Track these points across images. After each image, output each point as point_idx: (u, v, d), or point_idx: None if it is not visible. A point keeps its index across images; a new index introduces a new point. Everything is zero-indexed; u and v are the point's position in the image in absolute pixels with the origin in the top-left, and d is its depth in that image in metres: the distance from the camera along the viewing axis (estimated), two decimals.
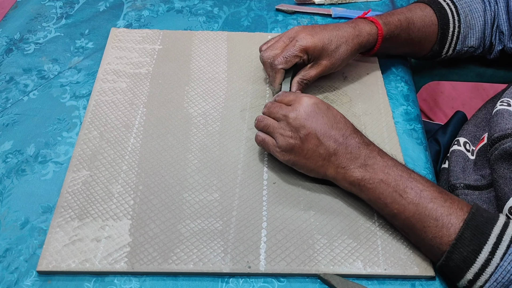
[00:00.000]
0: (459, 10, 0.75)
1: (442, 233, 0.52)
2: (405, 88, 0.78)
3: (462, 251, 0.51)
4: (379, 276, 0.56)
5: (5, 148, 0.66)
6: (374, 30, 0.72)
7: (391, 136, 0.70)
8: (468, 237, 0.50)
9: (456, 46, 0.77)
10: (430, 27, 0.75)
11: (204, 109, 0.72)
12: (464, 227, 0.51)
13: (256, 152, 0.67)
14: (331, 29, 0.70)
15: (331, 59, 0.69)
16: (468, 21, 0.75)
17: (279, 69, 0.68)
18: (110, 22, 0.87)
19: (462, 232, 0.51)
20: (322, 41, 0.68)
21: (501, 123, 0.65)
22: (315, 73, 0.70)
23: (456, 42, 0.76)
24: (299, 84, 0.70)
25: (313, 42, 0.67)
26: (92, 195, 0.61)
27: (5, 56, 0.79)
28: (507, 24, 0.75)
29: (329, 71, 0.71)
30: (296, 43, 0.67)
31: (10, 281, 0.54)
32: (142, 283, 0.54)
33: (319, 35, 0.68)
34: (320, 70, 0.70)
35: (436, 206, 0.53)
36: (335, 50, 0.69)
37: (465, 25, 0.75)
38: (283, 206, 0.61)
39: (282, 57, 0.67)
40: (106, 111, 0.70)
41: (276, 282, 0.55)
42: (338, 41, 0.69)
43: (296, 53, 0.67)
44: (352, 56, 0.72)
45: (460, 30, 0.75)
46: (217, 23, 0.88)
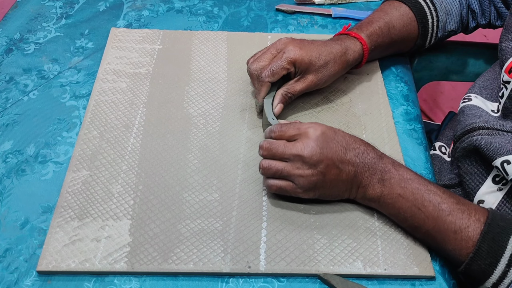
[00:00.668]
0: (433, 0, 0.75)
1: (461, 246, 0.53)
2: (405, 88, 0.78)
3: (480, 263, 0.52)
4: (379, 276, 0.56)
5: (5, 148, 0.66)
6: (358, 47, 0.71)
7: (391, 136, 0.70)
8: (485, 250, 0.51)
9: (437, 34, 0.77)
10: (410, 25, 0.75)
11: (204, 109, 0.72)
12: (481, 240, 0.52)
13: (256, 152, 0.67)
14: (319, 44, 0.68)
15: (317, 75, 0.67)
16: (445, 8, 0.76)
17: (265, 82, 0.66)
18: (110, 22, 0.86)
19: (479, 245, 0.52)
20: (310, 54, 0.66)
21: (462, 120, 0.66)
22: (300, 88, 0.68)
23: (437, 31, 0.77)
24: (282, 97, 0.67)
25: (300, 54, 0.65)
26: (92, 195, 0.61)
27: (5, 56, 0.79)
28: (477, 3, 0.76)
29: (315, 87, 0.69)
30: (284, 55, 0.65)
31: (10, 281, 0.54)
32: (142, 283, 0.54)
33: (307, 48, 0.66)
34: (306, 85, 0.68)
35: (455, 219, 0.53)
36: (323, 66, 0.67)
37: (442, 12, 0.75)
38: (283, 206, 0.61)
39: (269, 70, 0.65)
40: (106, 111, 0.70)
41: (276, 282, 0.55)
42: (326, 57, 0.67)
43: (284, 65, 0.65)
44: (339, 74, 0.70)
45: (439, 18, 0.75)
46: (217, 23, 0.88)
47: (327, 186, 0.57)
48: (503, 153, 0.57)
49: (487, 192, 0.62)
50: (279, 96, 0.68)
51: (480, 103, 0.67)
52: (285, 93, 0.68)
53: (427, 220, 0.54)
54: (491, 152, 0.59)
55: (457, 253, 0.53)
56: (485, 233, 0.52)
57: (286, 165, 0.57)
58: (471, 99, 0.68)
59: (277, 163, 0.57)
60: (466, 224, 0.53)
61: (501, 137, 0.60)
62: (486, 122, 0.63)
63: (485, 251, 0.51)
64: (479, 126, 0.63)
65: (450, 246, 0.54)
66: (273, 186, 0.59)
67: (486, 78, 0.71)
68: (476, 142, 0.61)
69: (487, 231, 0.52)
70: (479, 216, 0.53)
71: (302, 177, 0.56)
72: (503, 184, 0.60)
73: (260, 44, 0.82)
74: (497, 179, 0.61)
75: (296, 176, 0.56)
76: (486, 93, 0.68)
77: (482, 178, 0.63)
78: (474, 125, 0.63)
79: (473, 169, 0.64)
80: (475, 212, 0.54)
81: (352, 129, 0.70)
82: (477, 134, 0.62)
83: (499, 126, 0.62)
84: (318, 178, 0.56)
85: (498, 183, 0.61)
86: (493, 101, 0.66)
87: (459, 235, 0.53)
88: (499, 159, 0.57)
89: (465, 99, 0.69)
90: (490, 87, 0.69)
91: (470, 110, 0.66)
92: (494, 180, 0.61)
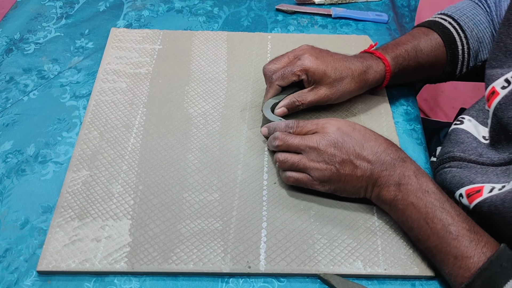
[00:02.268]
0: (463, 27, 0.71)
1: (458, 273, 0.51)
2: (405, 88, 0.78)
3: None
4: (379, 276, 0.56)
5: (5, 148, 0.66)
6: (381, 67, 0.68)
7: (391, 136, 0.69)
8: (478, 286, 0.49)
9: (469, 62, 0.72)
10: (438, 49, 0.71)
11: (204, 109, 0.72)
12: (476, 275, 0.49)
13: (256, 152, 0.67)
14: (339, 58, 0.66)
15: (331, 89, 0.65)
16: (475, 35, 0.71)
17: (274, 84, 0.65)
18: (110, 22, 0.87)
19: (472, 279, 0.49)
20: (326, 66, 0.64)
21: (445, 146, 0.65)
22: (311, 98, 0.66)
23: (468, 60, 0.72)
24: (290, 103, 0.66)
25: (315, 64, 0.64)
26: (92, 195, 0.61)
27: (5, 56, 0.79)
28: None
29: (327, 101, 0.67)
30: (298, 61, 0.64)
31: (10, 281, 0.54)
32: (142, 283, 0.54)
33: (324, 59, 0.65)
34: (318, 97, 0.66)
35: (459, 245, 0.51)
36: (338, 80, 0.65)
37: (473, 40, 0.71)
38: (283, 206, 0.61)
39: (280, 73, 0.65)
40: (106, 111, 0.70)
41: (276, 282, 0.55)
42: (344, 72, 0.65)
43: (295, 71, 0.64)
44: (356, 92, 0.68)
45: (470, 46, 0.71)
46: (217, 23, 0.88)
47: (342, 181, 0.57)
48: (459, 186, 0.57)
49: None
50: (287, 101, 0.66)
51: (472, 128, 0.65)
52: (294, 100, 0.66)
53: (431, 236, 0.53)
54: (451, 185, 0.59)
55: (452, 278, 0.52)
56: (484, 269, 0.49)
57: (302, 158, 0.57)
58: (463, 122, 0.66)
59: (293, 156, 0.58)
60: (470, 253, 0.51)
61: (467, 170, 0.59)
62: (463, 152, 0.62)
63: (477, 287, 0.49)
64: (454, 156, 0.63)
65: (447, 269, 0.52)
66: (290, 178, 0.59)
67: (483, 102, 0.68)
68: (443, 175, 0.61)
69: (486, 268, 0.49)
70: (487, 250, 0.51)
71: (317, 169, 0.57)
72: None
73: (260, 44, 0.82)
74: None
75: (312, 168, 0.57)
76: (482, 117, 0.66)
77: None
78: (450, 154, 0.63)
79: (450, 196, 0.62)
80: (484, 245, 0.51)
81: None
82: (447, 166, 0.62)
83: (474, 157, 0.61)
84: (332, 172, 0.56)
85: None
86: (485, 127, 0.65)
87: (459, 262, 0.51)
88: (457, 193, 0.58)
89: (457, 121, 0.67)
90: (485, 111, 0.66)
91: (456, 135, 0.65)
92: None
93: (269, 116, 0.66)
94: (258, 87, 0.76)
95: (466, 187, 0.59)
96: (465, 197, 0.58)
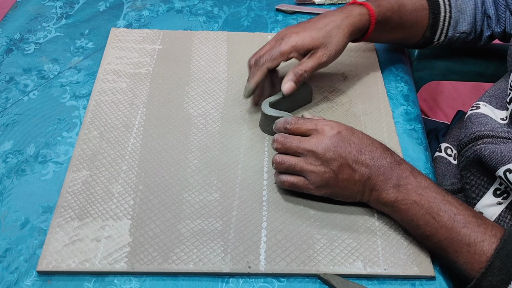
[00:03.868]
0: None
1: (474, 260, 0.51)
2: (405, 88, 0.78)
3: (491, 279, 0.50)
4: (379, 276, 0.56)
5: (5, 148, 0.66)
6: (365, 11, 0.68)
7: (391, 136, 0.70)
8: (498, 266, 0.50)
9: (448, 31, 0.75)
10: (421, 11, 0.73)
11: (204, 109, 0.72)
12: (495, 255, 0.50)
13: (256, 152, 0.67)
14: (317, 20, 0.66)
15: (325, 48, 0.65)
16: (459, 5, 0.74)
17: (262, 67, 0.64)
18: (110, 22, 0.87)
19: (492, 261, 0.50)
20: (309, 32, 0.65)
21: (468, 128, 0.65)
22: (312, 64, 0.65)
23: (447, 28, 0.74)
24: (295, 75, 0.65)
25: (300, 38, 0.64)
26: (92, 195, 0.61)
27: (5, 56, 0.79)
28: (493, 8, 0.74)
29: (327, 60, 0.66)
30: (282, 41, 0.65)
31: (10, 281, 0.54)
32: (142, 283, 0.54)
33: (305, 28, 0.65)
34: (318, 60, 0.65)
35: (470, 232, 0.52)
36: (326, 36, 0.65)
37: (456, 10, 0.74)
38: (283, 206, 0.61)
39: (267, 55, 0.64)
40: (106, 111, 0.70)
41: (276, 282, 0.55)
42: (327, 26, 0.65)
43: (282, 51, 0.64)
44: (346, 39, 0.67)
45: (451, 15, 0.74)
46: (217, 23, 0.88)
47: (339, 185, 0.57)
48: (505, 162, 0.57)
49: (486, 205, 0.61)
50: (291, 75, 0.65)
51: (489, 111, 0.66)
52: (298, 70, 0.65)
53: (440, 229, 0.53)
54: (494, 161, 0.58)
55: (468, 267, 0.52)
56: (500, 249, 0.50)
57: (299, 160, 0.57)
58: (479, 107, 0.66)
59: (291, 158, 0.58)
60: (481, 238, 0.51)
61: (505, 146, 0.59)
62: (492, 130, 0.62)
63: (497, 267, 0.50)
64: (483, 134, 0.62)
65: (462, 259, 0.52)
66: (286, 182, 0.59)
67: (497, 87, 0.69)
68: (479, 151, 0.60)
69: (502, 247, 0.50)
70: (496, 231, 0.52)
71: (314, 173, 0.56)
72: (503, 198, 0.60)
73: (260, 44, 0.82)
74: (498, 192, 0.61)
75: (309, 171, 0.56)
76: (496, 101, 0.67)
77: (483, 190, 0.62)
78: (479, 133, 0.62)
79: (475, 180, 0.63)
80: (492, 227, 0.52)
81: None
82: (481, 143, 0.61)
83: (505, 134, 0.61)
84: (330, 176, 0.56)
85: (499, 197, 0.61)
86: (501, 109, 0.65)
87: (473, 248, 0.51)
88: (502, 168, 0.57)
89: (473, 107, 0.67)
90: (500, 96, 0.67)
91: (477, 118, 0.65)
92: (495, 193, 0.61)
93: (268, 112, 0.65)
94: None
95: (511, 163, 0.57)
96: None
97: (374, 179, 0.56)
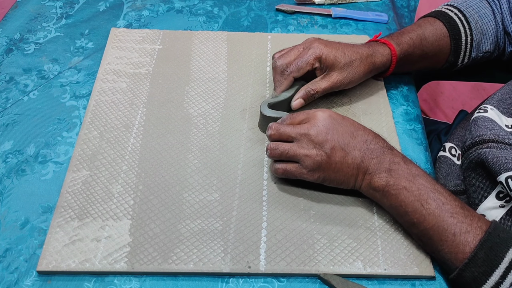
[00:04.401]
0: (468, 18, 0.74)
1: (458, 250, 0.52)
2: (405, 88, 0.79)
3: (474, 271, 0.51)
4: (379, 276, 0.56)
5: (5, 148, 0.66)
6: (387, 51, 0.71)
7: (391, 136, 0.70)
8: (481, 258, 0.50)
9: (471, 53, 0.76)
10: (443, 40, 0.74)
11: (204, 109, 0.72)
12: (479, 247, 0.51)
13: (256, 152, 0.67)
14: (345, 44, 0.69)
15: (342, 73, 0.68)
16: (480, 27, 0.74)
17: (289, 76, 0.67)
18: (110, 22, 0.87)
19: (475, 252, 0.51)
20: (336, 51, 0.67)
21: (473, 130, 0.65)
22: (325, 86, 0.68)
23: (470, 50, 0.75)
24: (305, 93, 0.68)
25: (326, 50, 0.66)
26: (92, 195, 0.61)
27: (5, 56, 0.79)
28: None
29: (340, 86, 0.69)
30: (309, 51, 0.66)
31: (10, 281, 0.54)
32: (142, 283, 0.54)
33: (332, 46, 0.67)
34: (331, 83, 0.68)
35: (456, 221, 0.53)
36: (348, 64, 0.67)
37: (477, 32, 0.74)
38: (283, 206, 0.61)
39: (294, 64, 0.66)
40: (106, 111, 0.70)
41: (276, 282, 0.55)
42: (352, 56, 0.68)
43: (309, 60, 0.66)
44: (365, 75, 0.70)
45: (473, 37, 0.74)
46: (217, 23, 0.88)
47: (332, 169, 0.57)
48: (508, 169, 0.57)
49: (489, 208, 0.61)
50: (302, 92, 0.68)
51: (495, 117, 0.66)
52: (309, 90, 0.68)
53: (428, 217, 0.54)
54: (497, 166, 0.58)
55: (452, 256, 0.53)
56: (484, 241, 0.51)
57: (293, 145, 0.58)
58: (487, 110, 0.66)
59: (284, 144, 0.59)
60: (467, 229, 0.52)
61: (509, 152, 0.59)
62: (497, 136, 0.62)
63: (481, 259, 0.50)
64: (489, 138, 0.62)
65: (447, 248, 0.53)
66: (279, 169, 0.60)
67: (506, 91, 0.69)
68: (483, 155, 0.60)
69: (486, 239, 0.51)
70: (482, 224, 0.53)
71: (307, 156, 0.57)
72: (506, 201, 0.60)
73: (260, 44, 0.83)
74: (501, 195, 0.61)
75: (302, 155, 0.57)
76: (503, 107, 0.67)
77: (486, 193, 0.62)
78: (484, 137, 0.63)
79: (478, 183, 0.63)
80: (478, 219, 0.53)
81: None
82: (485, 147, 0.61)
83: (510, 141, 0.61)
84: (323, 158, 0.57)
85: (502, 199, 0.61)
86: (508, 117, 0.65)
87: (458, 238, 0.52)
88: (504, 174, 0.57)
89: (480, 110, 0.67)
90: (508, 101, 0.67)
91: (483, 121, 0.65)
92: (498, 196, 0.61)
93: (267, 113, 0.66)
94: (258, 87, 0.76)
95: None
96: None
97: (367, 162, 0.57)
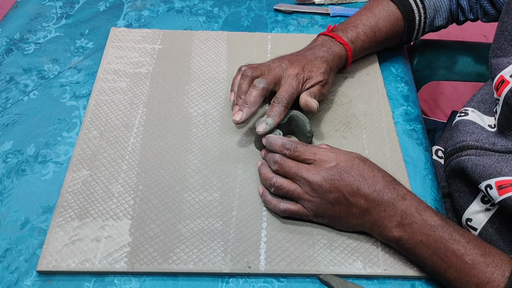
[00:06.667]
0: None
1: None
2: (405, 88, 0.78)
3: None
4: (379, 276, 0.56)
5: (5, 148, 0.66)
6: (344, 52, 0.71)
7: (391, 136, 0.69)
8: None
9: (424, 30, 0.78)
10: (397, 24, 0.76)
11: (204, 109, 0.72)
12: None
13: (256, 152, 0.67)
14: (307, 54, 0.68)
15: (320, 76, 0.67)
16: (433, 4, 0.76)
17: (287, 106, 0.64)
18: (110, 22, 0.86)
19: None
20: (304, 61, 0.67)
21: (454, 136, 0.65)
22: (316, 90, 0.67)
23: (423, 28, 0.77)
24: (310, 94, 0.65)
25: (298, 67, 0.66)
26: (92, 195, 0.61)
27: (5, 56, 0.79)
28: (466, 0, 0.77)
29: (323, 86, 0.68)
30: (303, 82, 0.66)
31: (10, 281, 0.54)
32: (142, 283, 0.54)
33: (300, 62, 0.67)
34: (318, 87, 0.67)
35: (478, 273, 0.51)
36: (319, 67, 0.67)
37: (431, 9, 0.76)
38: None
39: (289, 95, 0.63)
40: (106, 111, 0.70)
41: (276, 282, 0.55)
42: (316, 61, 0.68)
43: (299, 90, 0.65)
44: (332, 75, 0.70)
45: (427, 15, 0.76)
46: (217, 23, 0.88)
47: (337, 217, 0.56)
48: (486, 177, 0.57)
49: (475, 211, 0.61)
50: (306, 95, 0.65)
51: (477, 118, 0.66)
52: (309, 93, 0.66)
53: (448, 270, 0.52)
54: (476, 175, 0.58)
55: None
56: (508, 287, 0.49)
57: (297, 187, 0.56)
58: (467, 113, 0.67)
59: (290, 184, 0.57)
60: (490, 278, 0.50)
61: (487, 158, 0.59)
62: (477, 141, 0.62)
63: None
64: (468, 144, 0.62)
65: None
66: (286, 211, 0.58)
67: (484, 92, 0.69)
68: (463, 163, 0.61)
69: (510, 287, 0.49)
70: (504, 269, 0.51)
71: (311, 202, 0.56)
72: (491, 205, 0.60)
73: (260, 44, 0.82)
74: (485, 199, 0.61)
75: (305, 200, 0.56)
76: (484, 107, 0.67)
77: (471, 197, 0.62)
78: (464, 143, 0.63)
79: (463, 187, 0.63)
80: (501, 265, 0.51)
81: (352, 129, 0.70)
82: (465, 154, 0.62)
83: (489, 145, 0.61)
84: (327, 207, 0.55)
85: (487, 203, 0.61)
86: (490, 116, 0.65)
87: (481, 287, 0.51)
88: (483, 183, 0.57)
89: (461, 113, 0.68)
90: (488, 101, 0.67)
91: (464, 125, 0.65)
92: (483, 200, 0.61)
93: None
94: None
95: (495, 178, 0.57)
96: (495, 188, 0.57)
97: (375, 215, 0.54)
